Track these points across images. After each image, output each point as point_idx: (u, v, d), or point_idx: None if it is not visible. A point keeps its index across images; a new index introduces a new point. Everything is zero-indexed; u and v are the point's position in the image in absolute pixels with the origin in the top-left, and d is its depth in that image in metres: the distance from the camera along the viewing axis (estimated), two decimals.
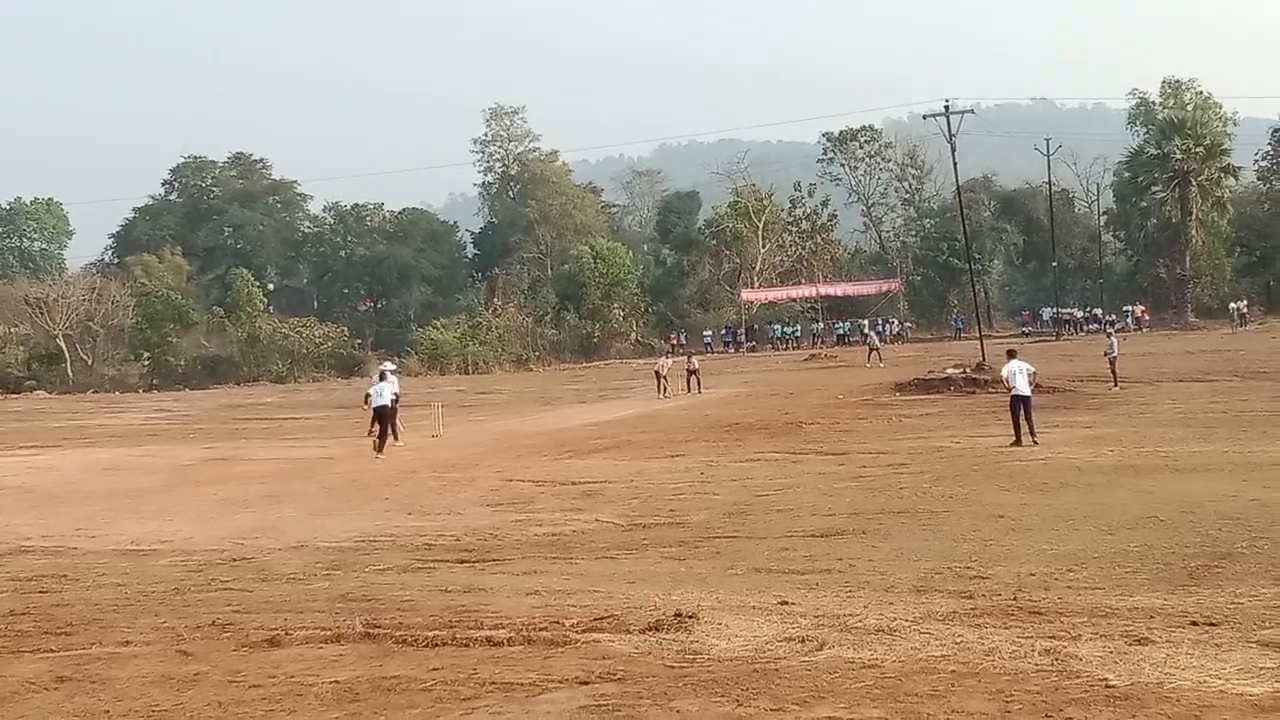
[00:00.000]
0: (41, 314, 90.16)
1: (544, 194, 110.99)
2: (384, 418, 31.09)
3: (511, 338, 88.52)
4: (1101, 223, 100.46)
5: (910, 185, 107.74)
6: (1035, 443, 25.40)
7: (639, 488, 21.86)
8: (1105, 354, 42.07)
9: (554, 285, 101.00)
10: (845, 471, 22.80)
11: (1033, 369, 27.64)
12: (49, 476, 29.00)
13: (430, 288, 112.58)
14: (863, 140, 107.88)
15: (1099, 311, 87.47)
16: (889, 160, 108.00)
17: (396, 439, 32.50)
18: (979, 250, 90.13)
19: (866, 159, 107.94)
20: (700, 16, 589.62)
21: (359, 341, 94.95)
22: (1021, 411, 26.16)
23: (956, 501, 18.58)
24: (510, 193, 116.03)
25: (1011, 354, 28.51)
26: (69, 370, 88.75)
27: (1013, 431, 26.17)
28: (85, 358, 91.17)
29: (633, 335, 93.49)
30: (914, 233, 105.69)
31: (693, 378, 50.21)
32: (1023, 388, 26.35)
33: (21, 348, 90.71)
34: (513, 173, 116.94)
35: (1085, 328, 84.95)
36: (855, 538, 15.90)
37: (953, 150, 51.92)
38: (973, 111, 53.48)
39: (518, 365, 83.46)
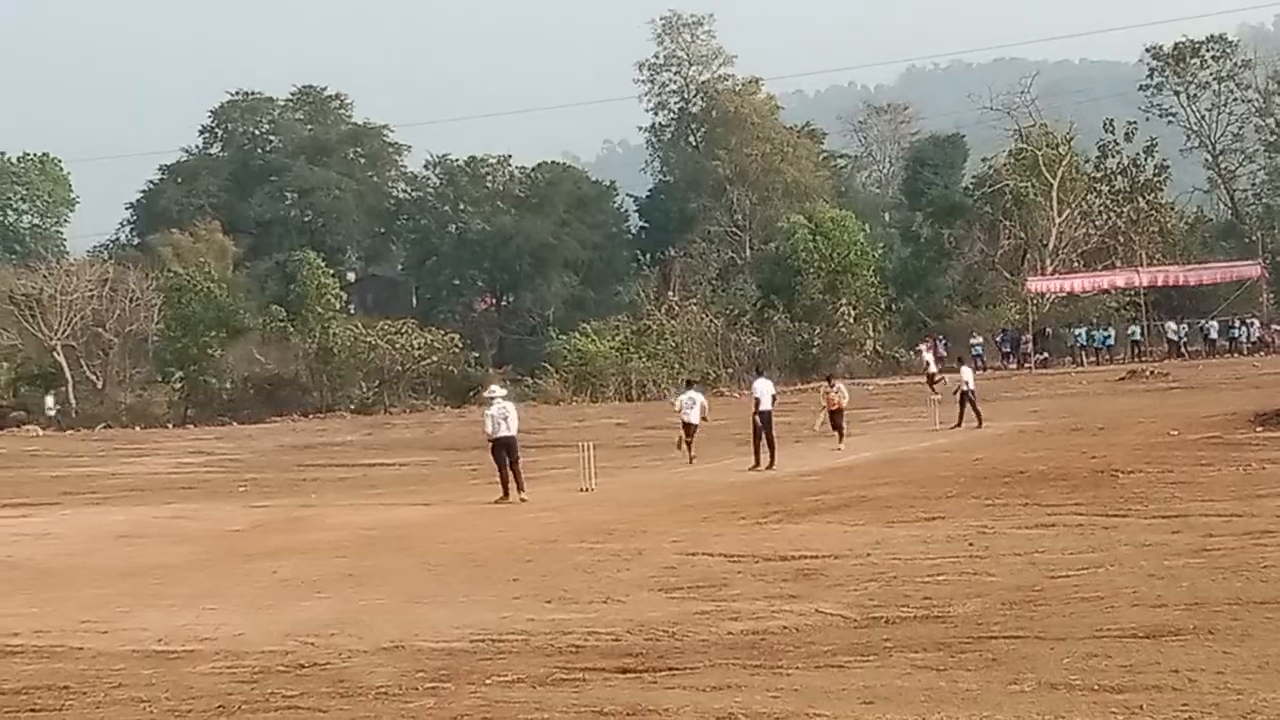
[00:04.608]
0: (33, 317, 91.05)
1: (740, 141, 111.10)
2: (512, 453, 33.21)
3: (694, 348, 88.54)
4: None
5: (1279, 123, 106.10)
6: None
7: (878, 565, 21.81)
8: None
9: (754, 273, 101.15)
10: (1182, 542, 22.51)
11: None
12: (45, 547, 29.70)
13: (577, 277, 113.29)
14: (1208, 56, 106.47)
15: None
16: (1246, 86, 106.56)
17: (521, 490, 32.86)
18: None
19: (1214, 83, 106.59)
20: None
21: (475, 355, 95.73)
22: None
23: None
24: (692, 139, 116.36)
25: None
26: (71, 396, 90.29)
27: None
28: (93, 378, 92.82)
29: (869, 344, 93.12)
30: None
31: (836, 415, 46.04)
32: None
33: (5, 365, 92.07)
34: (694, 111, 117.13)
35: None
36: (1198, 639, 15.69)
37: None
38: None
39: (703, 387, 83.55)
